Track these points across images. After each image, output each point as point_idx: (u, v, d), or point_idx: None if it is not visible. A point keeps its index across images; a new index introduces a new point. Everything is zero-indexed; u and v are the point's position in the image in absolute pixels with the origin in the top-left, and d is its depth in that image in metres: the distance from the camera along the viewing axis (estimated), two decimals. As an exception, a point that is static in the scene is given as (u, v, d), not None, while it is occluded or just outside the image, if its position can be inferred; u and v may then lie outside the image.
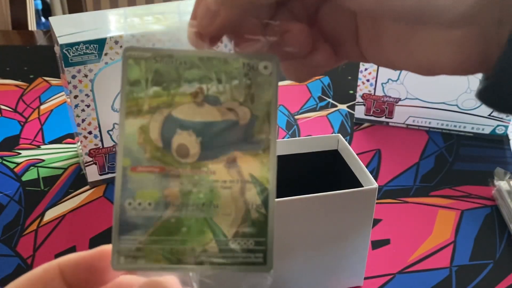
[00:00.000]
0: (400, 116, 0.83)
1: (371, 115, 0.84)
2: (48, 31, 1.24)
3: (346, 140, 0.57)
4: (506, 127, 0.80)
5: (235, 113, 0.27)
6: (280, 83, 0.29)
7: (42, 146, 0.80)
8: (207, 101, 0.27)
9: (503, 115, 0.78)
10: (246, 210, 0.26)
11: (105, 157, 0.70)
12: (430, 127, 0.83)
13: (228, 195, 0.26)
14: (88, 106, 0.66)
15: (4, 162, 0.77)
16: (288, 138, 0.70)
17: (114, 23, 0.68)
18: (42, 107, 0.90)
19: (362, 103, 0.84)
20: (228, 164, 0.27)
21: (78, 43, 0.62)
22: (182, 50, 0.27)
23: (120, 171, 0.26)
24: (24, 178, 0.73)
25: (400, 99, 0.82)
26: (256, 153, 0.27)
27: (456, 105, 0.80)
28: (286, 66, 0.32)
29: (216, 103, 0.27)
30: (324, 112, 0.88)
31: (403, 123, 0.84)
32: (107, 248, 0.27)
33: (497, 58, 0.26)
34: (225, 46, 0.64)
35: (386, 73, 0.80)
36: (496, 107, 0.28)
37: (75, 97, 0.65)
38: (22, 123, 0.86)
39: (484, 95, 0.28)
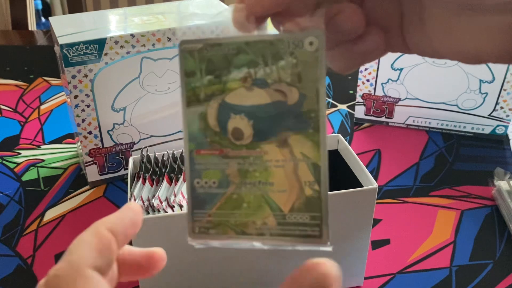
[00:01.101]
0: (400, 116, 0.83)
1: (371, 115, 0.84)
2: (48, 31, 1.24)
3: (346, 140, 0.57)
4: (506, 127, 0.80)
5: (283, 94, 0.28)
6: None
7: (42, 146, 0.80)
8: (256, 84, 0.28)
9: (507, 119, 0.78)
10: (300, 187, 0.27)
11: (105, 157, 0.70)
12: (430, 127, 0.83)
13: (281, 173, 0.28)
14: (88, 106, 0.66)
15: (4, 162, 0.77)
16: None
17: (114, 23, 0.68)
18: (42, 107, 0.90)
19: (362, 103, 0.84)
20: (280, 144, 0.28)
21: (78, 43, 0.62)
22: (229, 37, 0.28)
23: (187, 154, 0.29)
24: (24, 178, 0.73)
25: (400, 99, 0.82)
26: (306, 131, 0.28)
27: (456, 105, 0.80)
28: (332, 55, 0.32)
29: (264, 85, 0.28)
30: (324, 112, 0.88)
31: (403, 123, 0.84)
32: (131, 203, 0.30)
33: None
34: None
35: (386, 73, 0.80)
36: None
37: (75, 97, 0.65)
38: (22, 123, 0.86)
39: None
